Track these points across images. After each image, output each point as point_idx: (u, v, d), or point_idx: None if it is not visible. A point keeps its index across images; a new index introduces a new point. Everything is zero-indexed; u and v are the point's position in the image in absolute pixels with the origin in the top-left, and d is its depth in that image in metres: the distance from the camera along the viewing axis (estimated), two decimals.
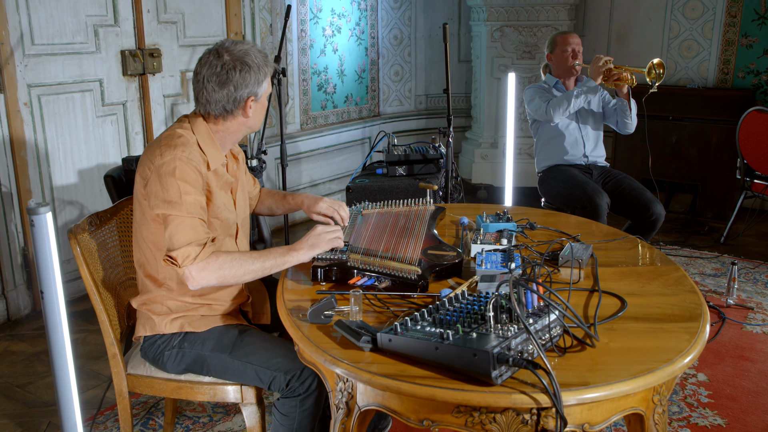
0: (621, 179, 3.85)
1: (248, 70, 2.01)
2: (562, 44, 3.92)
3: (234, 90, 2.01)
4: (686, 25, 5.84)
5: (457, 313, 1.62)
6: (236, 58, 2.00)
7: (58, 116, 3.82)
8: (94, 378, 3.14)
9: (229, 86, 2.00)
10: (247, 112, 2.07)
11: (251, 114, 2.08)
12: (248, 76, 2.01)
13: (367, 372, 1.52)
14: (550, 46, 4.00)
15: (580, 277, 2.06)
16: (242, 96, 2.03)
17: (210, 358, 2.05)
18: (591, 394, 1.43)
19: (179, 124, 2.07)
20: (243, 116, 2.08)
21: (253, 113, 2.09)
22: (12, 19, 3.55)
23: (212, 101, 2.02)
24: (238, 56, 2.00)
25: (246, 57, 2.01)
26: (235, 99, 2.02)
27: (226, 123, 2.07)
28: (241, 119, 2.08)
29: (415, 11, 6.31)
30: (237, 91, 2.01)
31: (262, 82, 2.06)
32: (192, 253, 1.88)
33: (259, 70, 2.04)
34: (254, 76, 2.02)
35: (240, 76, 2.00)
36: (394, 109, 6.41)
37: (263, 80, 2.06)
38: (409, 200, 2.58)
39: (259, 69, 2.03)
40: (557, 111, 3.69)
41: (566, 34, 3.99)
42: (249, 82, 2.02)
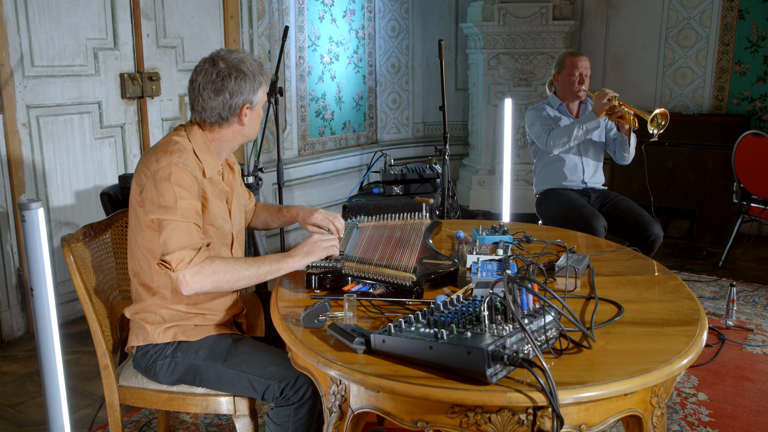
0: (618, 201, 3.85)
1: (243, 78, 2.02)
2: (570, 67, 3.85)
3: (229, 97, 2.01)
4: (680, 53, 5.90)
5: (452, 315, 1.60)
6: (231, 66, 2.01)
7: (57, 137, 3.83)
8: (86, 398, 3.10)
9: (224, 93, 2.01)
10: (243, 120, 2.07)
11: (247, 122, 2.09)
12: (243, 83, 2.02)
13: (360, 372, 1.49)
14: (558, 66, 3.91)
15: (576, 286, 2.04)
16: (237, 103, 2.03)
17: (203, 368, 2.02)
18: (588, 392, 1.41)
19: (176, 132, 2.08)
20: (238, 124, 2.08)
21: (248, 121, 2.09)
22: (12, 40, 3.58)
23: (207, 108, 2.03)
24: (233, 64, 2.02)
25: (241, 65, 2.03)
26: (231, 106, 2.03)
27: (221, 130, 2.08)
28: (237, 127, 2.09)
29: (412, 40, 6.39)
30: (232, 99, 2.02)
31: (257, 90, 2.07)
32: (186, 258, 1.87)
33: (254, 78, 2.05)
34: (249, 83, 2.03)
35: (235, 83, 2.01)
36: (392, 136, 6.44)
37: (258, 88, 2.07)
38: (404, 214, 2.57)
39: (254, 77, 2.04)
40: (557, 144, 3.67)
41: (575, 56, 3.89)
42: (244, 90, 2.03)
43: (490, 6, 5.85)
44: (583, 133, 3.67)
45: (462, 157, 6.60)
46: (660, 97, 6.03)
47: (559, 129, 3.75)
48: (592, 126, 3.66)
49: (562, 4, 5.90)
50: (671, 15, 5.89)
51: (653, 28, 5.99)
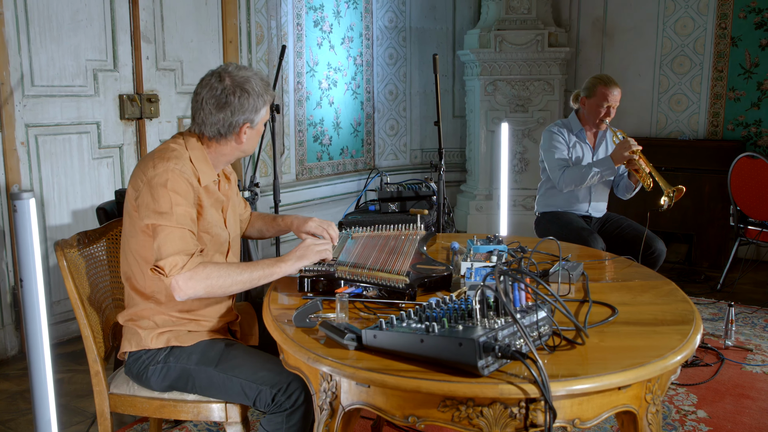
0: (620, 220, 3.86)
1: (247, 97, 2.02)
2: (600, 98, 3.69)
3: (231, 115, 2.02)
4: (675, 79, 5.96)
5: (444, 312, 1.59)
6: (237, 84, 2.02)
7: (55, 156, 3.85)
8: (78, 414, 3.06)
9: (226, 110, 2.01)
10: (241, 138, 2.07)
11: (245, 140, 2.09)
12: (246, 102, 2.02)
13: (351, 367, 1.48)
14: (588, 90, 3.75)
15: (570, 291, 2.03)
16: (238, 122, 2.03)
17: (195, 372, 2.00)
18: (581, 385, 1.40)
19: (173, 140, 2.08)
20: (236, 141, 2.08)
21: (247, 139, 2.09)
22: (13, 60, 3.62)
23: (208, 123, 2.04)
24: (239, 82, 2.02)
25: (246, 84, 2.03)
26: (231, 124, 2.03)
27: (219, 146, 2.08)
28: (234, 144, 2.09)
29: (410, 68, 6.46)
30: (233, 116, 2.02)
31: (260, 110, 2.06)
32: (179, 263, 1.87)
33: (258, 98, 2.04)
34: (252, 103, 2.03)
35: (238, 101, 2.01)
36: (390, 162, 6.47)
37: (261, 108, 2.07)
38: (399, 225, 2.57)
39: (258, 96, 2.04)
40: (569, 184, 3.65)
41: (607, 87, 3.68)
42: (246, 109, 2.03)
43: (486, 33, 5.92)
44: (597, 179, 3.63)
45: (460, 183, 6.62)
46: (656, 123, 6.08)
47: (573, 170, 3.66)
48: (607, 173, 3.62)
49: (558, 31, 5.98)
50: (665, 43, 5.97)
51: (648, 55, 6.06)
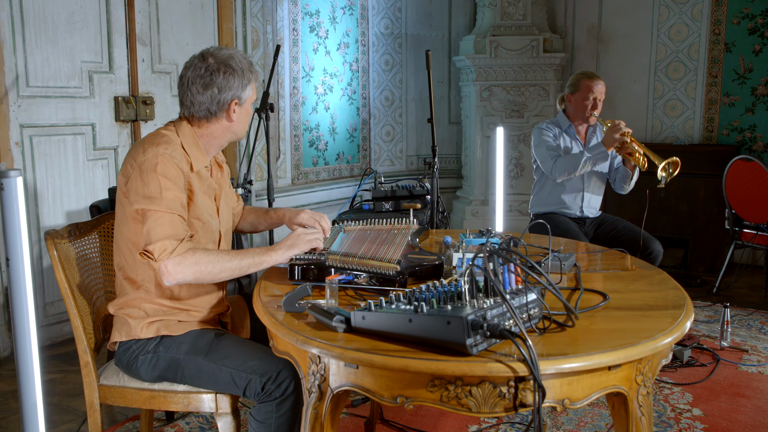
0: (615, 221, 3.83)
1: (232, 73, 2.04)
2: (585, 90, 3.73)
3: (218, 92, 2.03)
4: (670, 85, 5.99)
5: (433, 294, 1.59)
6: (220, 62, 2.03)
7: (49, 157, 3.85)
8: (70, 413, 3.04)
9: (213, 88, 2.02)
10: (231, 116, 2.08)
11: (235, 118, 2.10)
12: (232, 79, 2.04)
13: (339, 347, 1.47)
14: (572, 87, 3.79)
15: (562, 280, 2.03)
16: (226, 99, 2.05)
17: (185, 362, 1.99)
18: (570, 364, 1.39)
19: (165, 127, 2.09)
20: (227, 120, 2.09)
21: (237, 118, 2.10)
22: (8, 60, 3.63)
23: (196, 103, 2.04)
24: (222, 59, 2.04)
25: (230, 60, 2.05)
26: (219, 101, 2.04)
27: (210, 126, 2.09)
28: (225, 123, 2.10)
29: (405, 74, 6.48)
30: (221, 94, 2.03)
31: (246, 87, 2.08)
32: (168, 247, 1.86)
33: (243, 75, 2.06)
34: (238, 79, 2.05)
35: (224, 78, 2.03)
36: (386, 168, 6.48)
37: (247, 85, 2.08)
38: (392, 219, 2.57)
39: (243, 73, 2.06)
40: (562, 173, 3.64)
41: (591, 80, 3.74)
42: (233, 85, 2.04)
43: (481, 39, 5.95)
44: (590, 165, 3.61)
45: (456, 189, 6.63)
46: (651, 128, 6.09)
47: (565, 158, 3.66)
48: (600, 158, 3.59)
49: (553, 37, 6.01)
50: (660, 49, 5.99)
51: (642, 61, 6.08)
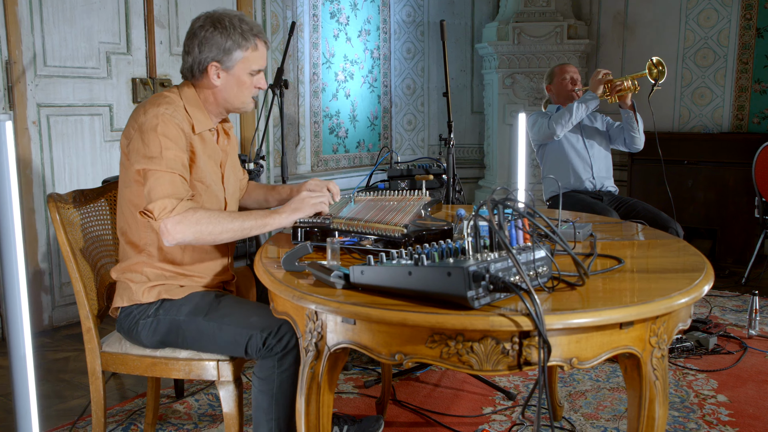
0: (634, 203, 3.75)
1: (213, 32, 1.94)
2: (560, 73, 4.03)
3: (198, 51, 1.96)
4: (698, 73, 5.83)
5: (436, 249, 1.52)
6: (211, 19, 1.95)
7: (66, 137, 3.85)
8: (80, 389, 3.02)
9: (195, 46, 1.96)
10: (212, 80, 1.98)
11: (219, 84, 1.99)
12: (212, 38, 1.94)
13: (336, 302, 1.41)
14: (549, 77, 4.11)
15: (575, 248, 1.94)
16: (205, 59, 1.95)
17: (185, 324, 1.94)
18: (578, 319, 1.31)
19: (169, 89, 2.05)
20: (210, 84, 2.00)
21: (222, 84, 2.00)
22: (26, 39, 3.63)
23: (183, 62, 2.01)
24: (214, 17, 1.96)
25: (220, 21, 1.95)
26: (199, 62, 1.97)
27: (202, 90, 2.03)
28: (210, 87, 2.01)
29: (428, 62, 6.40)
30: (201, 53, 1.96)
31: (231, 51, 1.96)
32: (168, 206, 1.82)
33: (229, 36, 1.94)
34: (221, 39, 1.94)
35: (204, 35, 1.94)
36: (407, 157, 6.40)
37: (234, 49, 1.96)
38: (404, 191, 2.50)
39: (228, 35, 1.94)
40: (559, 123, 3.69)
41: (563, 64, 4.13)
42: (213, 45, 1.94)
43: (504, 26, 5.85)
44: (584, 109, 3.69)
45: (478, 179, 6.54)
46: (678, 117, 5.94)
47: (558, 112, 3.81)
48: (590, 98, 3.70)
49: (577, 24, 5.89)
50: (688, 35, 5.84)
51: (670, 48, 5.93)
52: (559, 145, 3.89)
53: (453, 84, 6.39)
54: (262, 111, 4.29)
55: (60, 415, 2.77)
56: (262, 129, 3.73)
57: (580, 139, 3.88)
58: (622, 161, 5.69)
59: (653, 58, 3.64)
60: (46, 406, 2.86)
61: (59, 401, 2.91)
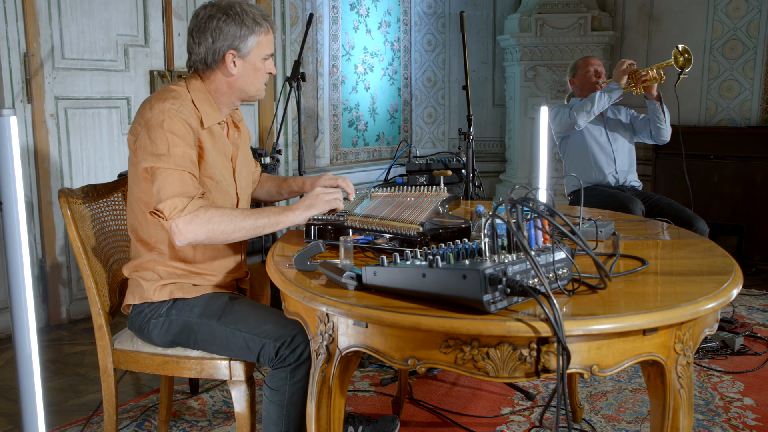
0: (658, 199, 3.67)
1: (226, 20, 1.90)
2: (584, 66, 3.94)
3: (212, 41, 1.91)
4: (726, 65, 5.69)
5: (452, 250, 1.46)
6: (219, 8, 1.92)
7: (84, 130, 3.84)
8: (96, 384, 3.01)
9: (207, 36, 1.92)
10: (229, 69, 1.95)
11: (236, 72, 1.96)
12: (226, 26, 1.90)
13: (347, 304, 1.37)
14: (572, 70, 4.02)
15: (597, 247, 1.88)
16: (221, 48, 1.92)
17: (197, 326, 1.90)
18: (599, 325, 1.25)
19: (175, 83, 2.00)
20: (224, 73, 1.96)
21: (239, 72, 1.96)
22: (44, 32, 3.62)
23: (194, 53, 1.96)
24: (222, 6, 1.92)
25: (230, 8, 1.92)
26: (214, 51, 1.92)
27: (214, 81, 1.98)
28: (224, 78, 1.97)
29: (448, 54, 6.32)
30: (215, 43, 1.91)
31: (246, 37, 1.93)
32: (179, 205, 1.78)
33: (243, 23, 1.91)
34: (236, 27, 1.91)
35: (217, 25, 1.90)
36: (427, 151, 6.34)
37: (249, 35, 1.93)
38: (422, 187, 2.44)
39: (242, 21, 1.91)
40: (581, 112, 3.60)
41: (587, 57, 4.03)
42: (228, 34, 1.91)
43: (527, 17, 5.76)
44: (606, 99, 3.60)
45: (499, 173, 6.46)
46: (705, 111, 5.81)
47: (580, 102, 3.72)
48: (614, 88, 3.61)
49: (602, 15, 5.78)
50: (716, 26, 5.70)
51: (697, 40, 5.79)
52: (581, 138, 3.81)
53: (474, 76, 6.31)
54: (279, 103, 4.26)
55: (75, 410, 2.77)
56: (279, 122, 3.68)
57: (603, 132, 3.80)
58: (647, 155, 5.58)
59: (679, 45, 3.55)
60: (61, 400, 2.85)
61: (74, 396, 2.90)
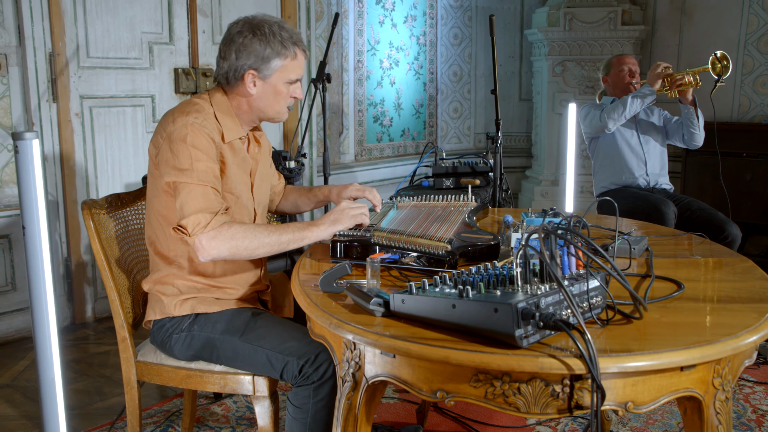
0: (689, 201, 3.59)
1: (252, 39, 1.87)
2: (618, 64, 3.84)
3: (235, 58, 1.89)
4: (761, 60, 5.54)
5: (483, 277, 1.42)
6: (249, 26, 1.88)
7: (109, 129, 3.84)
8: (120, 386, 3.01)
9: (231, 52, 1.89)
10: (248, 88, 1.91)
11: (255, 93, 1.92)
12: (251, 45, 1.87)
13: (374, 334, 1.33)
14: (606, 68, 3.92)
15: (631, 266, 1.82)
16: (242, 66, 1.88)
17: (220, 342, 1.89)
18: (635, 362, 1.20)
19: (199, 95, 1.98)
20: (243, 93, 1.93)
21: (258, 93, 1.92)
22: (69, 31, 3.61)
23: (219, 67, 1.94)
24: (253, 23, 1.89)
25: (259, 28, 1.88)
26: (235, 69, 1.89)
27: (234, 97, 1.96)
28: (243, 97, 1.94)
29: (475, 48, 6.24)
30: (238, 60, 1.88)
31: (269, 59, 1.88)
32: (202, 221, 1.75)
33: (270, 44, 1.87)
34: (261, 47, 1.87)
35: (242, 42, 1.87)
36: (453, 146, 6.28)
37: (273, 58, 1.89)
38: (449, 196, 2.40)
39: (268, 42, 1.87)
40: (612, 116, 3.51)
41: (622, 55, 3.95)
42: (251, 52, 1.87)
43: (555, 11, 5.65)
44: (639, 103, 3.52)
45: (525, 169, 6.38)
46: (738, 107, 5.67)
47: (612, 104, 3.63)
48: (647, 93, 3.52)
49: (632, 9, 5.65)
50: (751, 20, 5.55)
51: (731, 34, 5.65)
52: (612, 140, 3.73)
53: (501, 71, 6.22)
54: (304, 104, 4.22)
55: (99, 413, 2.78)
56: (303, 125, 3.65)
57: (634, 134, 3.71)
58: (676, 152, 5.47)
59: (717, 52, 3.43)
60: (86, 403, 2.86)
61: (99, 399, 2.91)
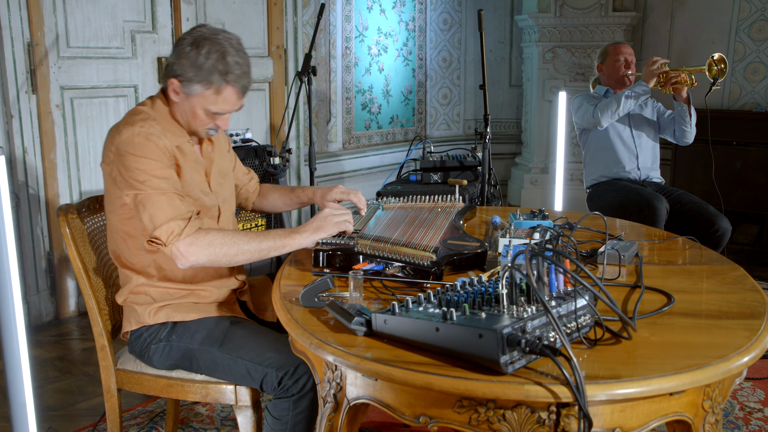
0: (680, 194, 3.56)
1: (189, 51, 1.77)
2: (614, 54, 3.74)
3: (173, 59, 1.82)
4: (752, 47, 5.50)
5: (468, 295, 1.38)
6: (196, 36, 1.80)
7: (91, 120, 3.76)
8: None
9: (174, 51, 1.82)
10: (170, 93, 1.84)
11: (177, 101, 1.84)
12: (186, 56, 1.78)
13: (355, 356, 1.29)
14: (601, 56, 3.83)
15: (621, 275, 1.79)
16: (172, 70, 1.81)
17: (198, 352, 1.84)
18: (623, 389, 1.17)
19: (142, 103, 1.91)
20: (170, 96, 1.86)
21: (179, 103, 1.84)
22: (48, 20, 3.52)
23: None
24: (198, 35, 1.80)
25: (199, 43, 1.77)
26: (167, 68, 1.84)
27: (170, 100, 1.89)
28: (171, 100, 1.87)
29: (465, 34, 6.16)
30: (174, 62, 1.81)
31: (192, 80, 1.78)
32: (176, 229, 1.70)
33: (197, 66, 1.76)
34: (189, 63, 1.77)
35: (182, 49, 1.79)
36: (442, 132, 6.22)
37: (195, 81, 1.78)
38: (436, 196, 2.36)
39: (198, 63, 1.76)
40: (605, 113, 3.46)
41: (618, 43, 3.83)
42: (183, 63, 1.78)
43: None
44: (633, 102, 3.47)
45: (514, 155, 6.33)
46: (729, 94, 5.63)
47: (606, 100, 3.57)
48: (641, 92, 3.46)
49: None
50: (743, 7, 5.49)
51: (723, 21, 5.60)
52: (604, 133, 3.69)
53: (490, 56, 6.16)
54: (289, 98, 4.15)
55: (82, 414, 2.74)
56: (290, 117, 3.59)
57: (627, 128, 3.67)
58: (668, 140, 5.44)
59: (715, 54, 3.37)
60: (68, 403, 2.82)
61: (82, 398, 2.87)
